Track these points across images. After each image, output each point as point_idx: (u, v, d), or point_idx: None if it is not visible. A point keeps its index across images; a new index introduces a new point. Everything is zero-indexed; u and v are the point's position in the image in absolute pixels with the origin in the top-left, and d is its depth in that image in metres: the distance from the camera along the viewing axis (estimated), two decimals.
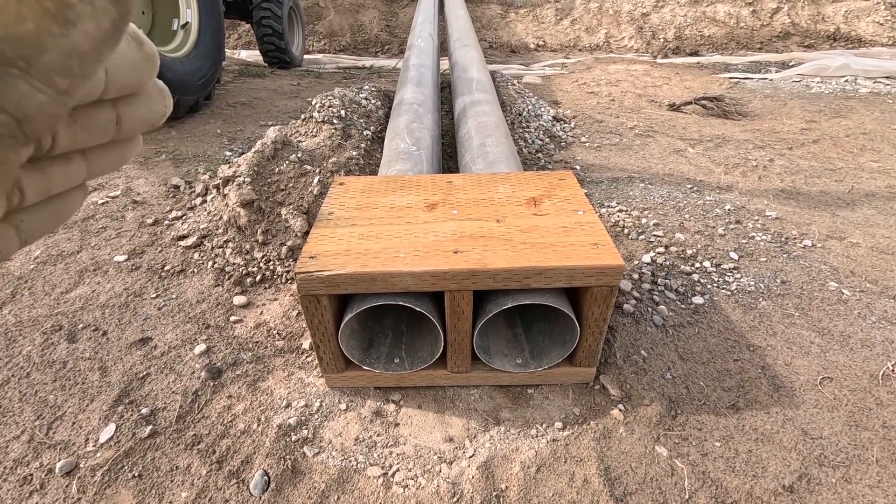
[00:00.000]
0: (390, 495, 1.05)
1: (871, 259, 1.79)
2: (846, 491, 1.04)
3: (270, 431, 1.18)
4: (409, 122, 2.07)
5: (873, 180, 2.45)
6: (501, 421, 1.21)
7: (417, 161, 1.75)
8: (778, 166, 2.62)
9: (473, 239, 1.14)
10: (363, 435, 1.18)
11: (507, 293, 1.12)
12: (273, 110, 3.58)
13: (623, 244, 1.88)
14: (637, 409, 1.22)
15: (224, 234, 1.83)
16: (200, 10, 3.37)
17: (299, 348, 1.43)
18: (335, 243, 1.14)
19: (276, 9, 4.78)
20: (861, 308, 1.55)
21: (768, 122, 3.31)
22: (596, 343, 1.19)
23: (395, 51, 6.49)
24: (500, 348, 1.29)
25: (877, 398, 1.25)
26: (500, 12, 7.17)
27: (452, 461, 1.12)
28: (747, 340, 1.43)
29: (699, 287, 1.64)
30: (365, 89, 3.13)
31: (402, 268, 1.04)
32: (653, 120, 3.32)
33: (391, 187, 1.39)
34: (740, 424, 1.18)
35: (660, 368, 1.34)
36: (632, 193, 2.31)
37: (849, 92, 3.94)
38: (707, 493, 1.04)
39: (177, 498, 1.05)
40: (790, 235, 1.94)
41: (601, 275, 1.05)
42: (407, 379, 1.26)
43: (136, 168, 2.51)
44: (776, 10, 6.34)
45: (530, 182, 1.40)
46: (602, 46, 6.47)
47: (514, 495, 1.04)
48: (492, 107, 2.33)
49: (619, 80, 4.38)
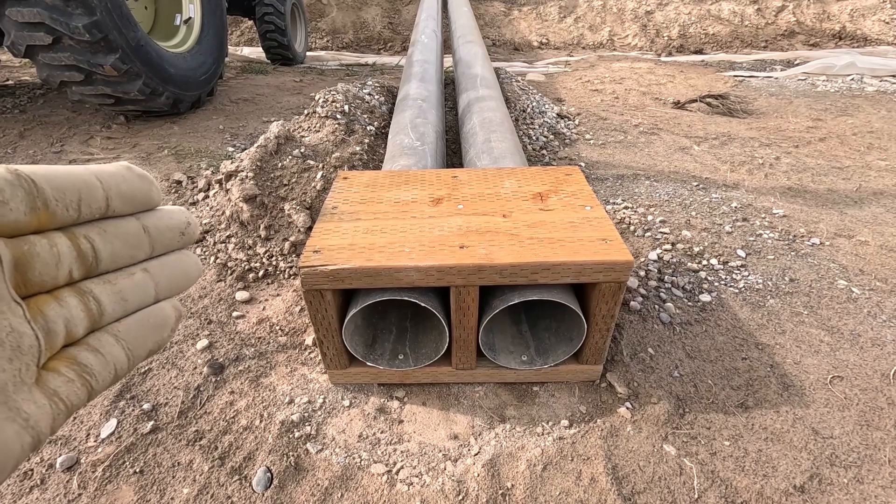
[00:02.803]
0: (394, 493, 1.04)
1: (881, 257, 1.77)
2: (858, 491, 1.02)
3: (273, 428, 1.17)
4: (413, 117, 2.06)
5: (881, 178, 2.43)
6: (507, 418, 1.20)
7: (422, 156, 1.73)
8: (784, 164, 2.60)
9: (479, 234, 1.12)
10: (367, 432, 1.17)
11: (513, 289, 1.10)
12: (276, 106, 3.56)
13: (629, 241, 1.86)
14: (645, 407, 1.20)
15: (226, 229, 1.81)
16: (203, 5, 3.35)
17: (302, 344, 1.42)
18: (339, 238, 1.12)
19: (278, 5, 4.76)
20: (871, 307, 1.53)
21: (774, 121, 3.28)
22: (603, 340, 1.17)
23: (398, 48, 6.47)
24: (505, 345, 1.27)
25: (888, 397, 1.23)
26: (504, 10, 7.14)
27: (457, 459, 1.11)
28: (756, 339, 1.41)
29: (706, 285, 1.62)
30: (368, 85, 3.12)
31: (408, 262, 1.03)
32: (657, 117, 3.30)
33: (396, 182, 1.37)
34: (749, 423, 1.16)
35: (667, 366, 1.32)
36: (637, 190, 2.29)
37: (855, 90, 3.91)
38: (716, 493, 1.02)
39: (178, 494, 1.04)
40: (798, 233, 1.92)
41: (609, 270, 1.03)
42: (411, 376, 1.24)
43: (139, 163, 2.49)
44: (781, 8, 6.30)
45: (536, 177, 1.38)
46: (606, 44, 6.44)
47: (521, 494, 1.03)
48: (496, 102, 2.31)
49: (622, 77, 4.36)
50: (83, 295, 0.27)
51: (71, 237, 0.27)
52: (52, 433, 0.25)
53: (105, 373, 0.28)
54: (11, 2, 2.21)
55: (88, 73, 2.52)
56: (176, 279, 0.33)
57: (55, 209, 0.26)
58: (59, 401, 0.25)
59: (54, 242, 0.26)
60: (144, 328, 0.31)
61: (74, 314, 0.27)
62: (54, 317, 0.26)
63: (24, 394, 0.24)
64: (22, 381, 0.24)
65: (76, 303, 0.27)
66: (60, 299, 0.26)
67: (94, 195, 0.27)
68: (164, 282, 0.32)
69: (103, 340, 0.28)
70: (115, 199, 0.29)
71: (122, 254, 0.29)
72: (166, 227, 0.32)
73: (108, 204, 0.28)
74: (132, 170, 0.30)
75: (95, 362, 0.27)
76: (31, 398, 0.24)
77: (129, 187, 0.29)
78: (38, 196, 0.25)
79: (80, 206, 0.27)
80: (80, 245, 0.27)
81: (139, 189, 0.30)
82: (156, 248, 0.32)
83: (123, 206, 0.29)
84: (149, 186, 0.31)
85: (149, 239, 0.31)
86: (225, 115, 3.32)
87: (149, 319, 0.31)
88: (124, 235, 0.29)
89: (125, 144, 2.76)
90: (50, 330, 0.25)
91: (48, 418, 0.25)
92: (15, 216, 0.24)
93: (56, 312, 0.26)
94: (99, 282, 0.28)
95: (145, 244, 0.31)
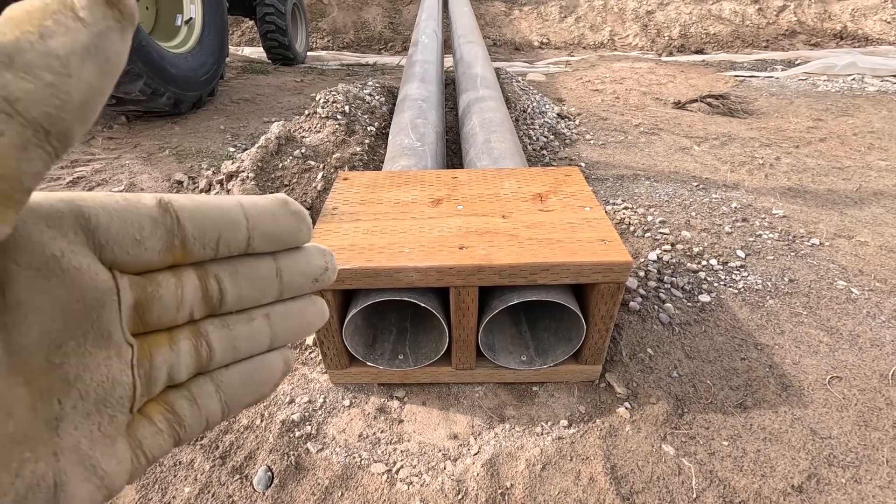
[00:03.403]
0: (394, 492, 1.05)
1: (880, 258, 1.77)
2: (856, 491, 1.03)
3: (274, 427, 1.18)
4: (414, 118, 2.06)
5: (881, 179, 2.43)
6: (506, 418, 1.20)
7: (422, 157, 1.74)
8: (784, 164, 2.60)
9: (479, 234, 1.13)
10: (367, 431, 1.18)
11: (512, 289, 1.10)
12: (276, 107, 3.57)
13: (629, 241, 1.87)
14: (643, 407, 1.21)
15: None
16: (204, 5, 3.36)
17: (302, 344, 1.43)
18: (339, 238, 1.13)
19: (279, 5, 4.77)
20: (870, 307, 1.53)
21: (774, 121, 3.28)
22: (602, 340, 1.17)
23: (399, 48, 6.48)
24: (504, 345, 1.28)
25: (887, 398, 1.23)
26: (504, 10, 7.14)
27: (457, 458, 1.11)
28: (755, 339, 1.41)
29: (706, 285, 1.63)
30: (369, 85, 3.12)
31: (407, 263, 1.03)
32: (658, 118, 3.30)
33: (396, 182, 1.38)
34: (748, 423, 1.17)
35: (666, 367, 1.32)
36: (637, 191, 2.29)
37: (856, 90, 3.91)
38: (714, 493, 1.03)
39: (180, 493, 1.04)
40: (798, 234, 1.92)
41: (608, 271, 1.04)
42: (411, 376, 1.25)
43: (140, 163, 2.50)
44: (782, 8, 6.30)
45: (536, 178, 1.39)
46: (606, 44, 6.44)
47: (520, 493, 1.03)
48: (496, 103, 2.32)
49: (623, 77, 4.36)
50: (198, 339, 0.25)
51: (201, 275, 0.24)
52: (122, 488, 0.23)
53: (196, 425, 0.25)
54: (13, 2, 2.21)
55: None
56: (295, 329, 0.29)
57: (192, 248, 0.23)
58: (142, 454, 0.23)
59: (181, 283, 0.24)
60: (247, 382, 0.28)
61: (183, 360, 0.24)
62: (161, 363, 0.24)
63: (106, 447, 0.21)
64: (103, 435, 0.21)
65: (188, 348, 0.25)
66: (174, 342, 0.24)
67: (237, 235, 0.25)
68: (282, 330, 0.29)
69: (204, 390, 0.26)
70: (258, 240, 0.26)
71: (248, 297, 0.26)
72: (301, 271, 0.28)
73: (250, 244, 0.25)
74: (287, 205, 0.27)
75: (190, 413, 0.25)
76: (112, 452, 0.22)
77: (276, 227, 0.26)
78: (177, 234, 0.23)
79: (219, 246, 0.24)
80: (209, 286, 0.25)
81: (287, 229, 0.27)
82: (284, 293, 0.28)
83: (265, 245, 0.26)
84: (299, 225, 0.27)
85: (279, 283, 0.27)
86: (226, 115, 3.33)
87: (255, 374, 0.28)
88: (256, 279, 0.26)
89: (126, 144, 2.77)
90: (152, 377, 0.23)
91: (126, 473, 0.22)
92: (149, 256, 0.22)
93: (164, 358, 0.24)
94: (217, 325, 0.26)
95: (274, 289, 0.27)
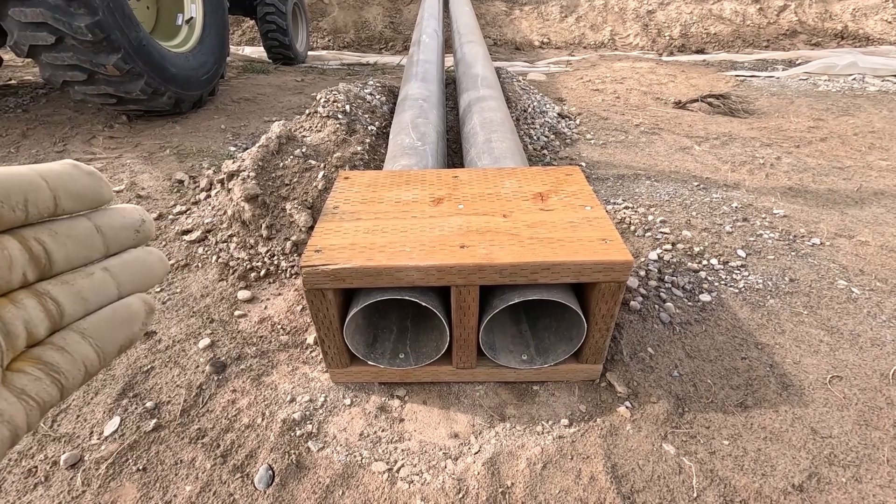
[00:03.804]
0: (395, 491, 1.05)
1: (881, 258, 1.77)
2: (856, 490, 1.03)
3: (275, 426, 1.18)
4: (415, 117, 2.06)
5: (882, 179, 2.43)
6: (507, 417, 1.20)
7: (423, 156, 1.74)
8: (785, 164, 2.60)
9: (480, 234, 1.13)
10: (368, 430, 1.18)
11: (513, 289, 1.11)
12: (277, 106, 3.57)
13: (630, 241, 1.87)
14: (644, 406, 1.21)
15: (228, 228, 1.82)
16: (205, 5, 3.36)
17: (303, 343, 1.43)
18: (340, 237, 1.13)
19: (280, 5, 4.77)
20: (871, 307, 1.53)
21: (775, 120, 3.28)
22: (603, 340, 1.18)
23: (399, 48, 6.47)
24: (505, 344, 1.28)
25: (887, 397, 1.23)
26: (505, 9, 7.13)
27: (458, 457, 1.12)
28: (755, 338, 1.41)
29: (706, 284, 1.63)
30: (369, 85, 3.12)
31: (408, 262, 1.03)
32: (658, 117, 3.30)
33: (397, 182, 1.38)
34: (749, 423, 1.17)
35: (667, 366, 1.32)
36: (638, 190, 2.29)
37: (857, 90, 3.91)
38: (715, 492, 1.03)
39: (181, 491, 1.05)
40: (798, 233, 1.92)
41: (609, 270, 1.04)
42: (411, 375, 1.25)
43: (141, 163, 2.51)
44: (783, 7, 6.29)
45: (537, 177, 1.39)
46: (607, 44, 6.44)
47: (521, 492, 1.04)
48: (497, 102, 2.32)
49: (624, 77, 4.36)
50: (40, 296, 0.27)
51: (21, 240, 0.26)
52: (29, 430, 0.26)
53: (74, 370, 0.28)
54: (14, 1, 2.22)
55: (91, 73, 2.53)
56: (139, 276, 0.33)
57: (0, 211, 0.25)
58: (28, 398, 0.25)
59: (4, 246, 0.26)
60: (111, 324, 0.31)
61: (33, 315, 0.27)
62: (11, 318, 0.26)
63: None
64: None
65: (34, 304, 0.27)
66: (16, 301, 0.26)
67: (41, 195, 0.27)
68: (127, 279, 0.32)
69: (69, 339, 0.28)
70: (64, 199, 0.28)
71: (75, 254, 0.29)
72: (119, 225, 0.32)
73: (57, 203, 0.28)
74: (79, 167, 0.30)
75: (62, 360, 0.27)
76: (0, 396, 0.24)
77: (76, 185, 0.29)
78: None
79: (28, 207, 0.26)
80: (32, 248, 0.27)
81: (88, 187, 0.30)
82: (111, 247, 0.31)
83: (73, 205, 0.29)
84: (98, 183, 0.30)
85: (102, 238, 0.31)
86: (227, 114, 3.33)
87: (115, 315, 0.31)
88: (76, 236, 0.29)
89: (127, 144, 2.77)
90: (9, 332, 0.25)
91: (21, 414, 0.25)
92: None
93: (13, 314, 0.26)
94: (56, 282, 0.28)
95: (99, 243, 0.31)
